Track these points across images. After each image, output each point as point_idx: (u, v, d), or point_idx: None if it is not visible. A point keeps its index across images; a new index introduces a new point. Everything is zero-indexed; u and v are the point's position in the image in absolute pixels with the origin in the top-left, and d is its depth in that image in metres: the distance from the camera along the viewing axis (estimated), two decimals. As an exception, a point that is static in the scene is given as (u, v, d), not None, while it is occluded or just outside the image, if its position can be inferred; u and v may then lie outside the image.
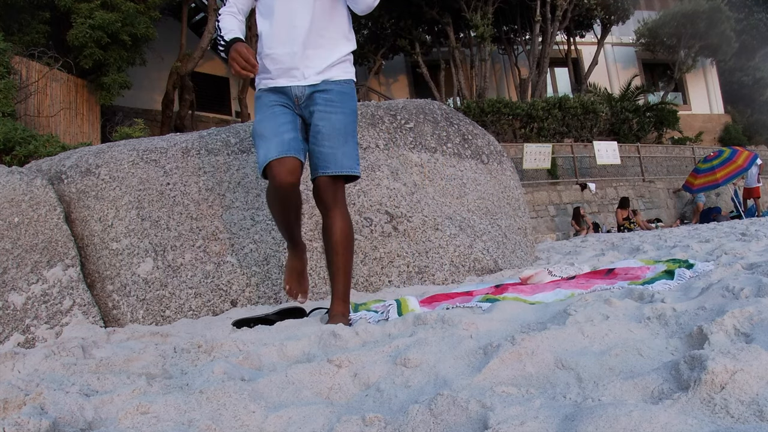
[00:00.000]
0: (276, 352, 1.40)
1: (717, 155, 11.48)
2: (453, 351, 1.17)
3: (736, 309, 1.09)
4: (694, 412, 0.71)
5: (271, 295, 2.69)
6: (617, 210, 11.45)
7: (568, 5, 15.72)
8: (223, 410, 0.94)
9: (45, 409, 0.98)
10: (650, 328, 1.19)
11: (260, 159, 1.97)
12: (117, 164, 2.81)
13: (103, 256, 2.58)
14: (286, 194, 1.96)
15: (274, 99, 2.03)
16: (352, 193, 3.01)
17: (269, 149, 1.93)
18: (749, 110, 20.96)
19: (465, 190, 3.56)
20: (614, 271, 2.32)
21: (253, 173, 3.00)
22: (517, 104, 14.44)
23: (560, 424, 0.72)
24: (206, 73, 14.69)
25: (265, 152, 1.94)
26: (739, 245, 2.98)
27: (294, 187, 1.96)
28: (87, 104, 10.25)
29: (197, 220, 2.77)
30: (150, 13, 10.27)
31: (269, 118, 2.00)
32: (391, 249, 2.94)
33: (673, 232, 7.06)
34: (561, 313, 1.39)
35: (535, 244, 4.56)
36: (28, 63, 8.98)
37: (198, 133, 3.19)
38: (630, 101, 16.58)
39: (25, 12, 9.59)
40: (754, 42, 19.90)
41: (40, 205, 2.54)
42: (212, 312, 2.56)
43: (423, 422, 0.83)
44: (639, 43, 18.78)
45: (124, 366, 1.39)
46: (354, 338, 1.44)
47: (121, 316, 2.47)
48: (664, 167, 15.32)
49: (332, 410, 0.94)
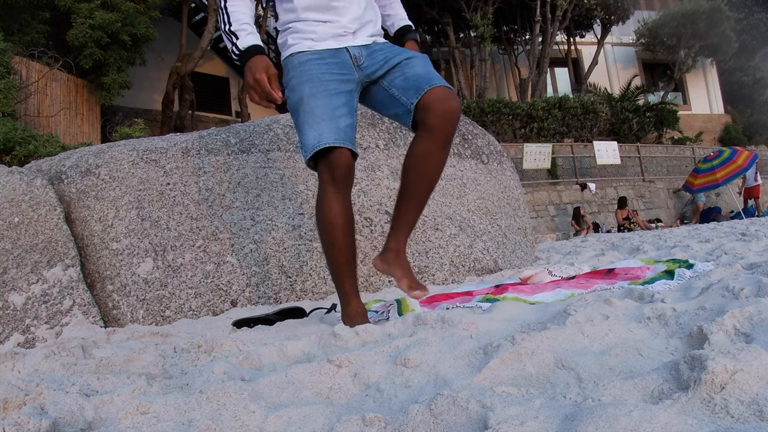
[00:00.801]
0: (276, 352, 1.40)
1: (717, 155, 11.48)
2: (453, 351, 1.17)
3: (736, 309, 1.09)
4: (694, 412, 0.71)
5: (271, 295, 2.69)
6: (617, 210, 11.46)
7: (568, 5, 15.73)
8: (223, 410, 0.94)
9: (45, 409, 0.98)
10: (650, 328, 1.19)
11: (310, 141, 1.64)
12: (117, 164, 2.81)
13: (103, 256, 2.58)
14: (344, 179, 1.65)
15: (326, 69, 1.71)
16: (352, 193, 3.01)
17: (322, 132, 1.63)
18: (749, 110, 20.97)
19: (465, 190, 3.56)
20: (614, 271, 2.32)
21: (253, 173, 3.00)
22: (517, 104, 14.45)
23: (560, 424, 0.72)
24: (206, 73, 14.70)
25: (317, 135, 1.63)
26: (739, 245, 2.98)
27: (351, 170, 1.66)
28: (87, 104, 10.26)
29: (197, 220, 2.77)
30: (150, 13, 10.28)
31: (323, 94, 1.67)
32: (391, 249, 2.94)
33: (673, 232, 7.06)
34: (561, 313, 1.39)
35: (535, 244, 4.56)
36: (28, 63, 8.98)
37: (198, 133, 3.20)
38: (630, 101, 16.59)
39: (25, 12, 9.59)
40: (754, 42, 19.91)
41: (40, 205, 2.54)
42: (212, 312, 2.56)
43: (423, 422, 0.83)
44: (639, 43, 18.79)
45: (124, 366, 1.39)
46: (354, 338, 1.44)
47: (121, 316, 2.47)
48: (664, 167, 15.33)
49: (332, 410, 0.94)
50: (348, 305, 1.72)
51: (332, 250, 1.70)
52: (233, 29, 1.68)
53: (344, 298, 1.73)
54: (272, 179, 3.01)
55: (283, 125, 3.29)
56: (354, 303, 1.72)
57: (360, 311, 1.71)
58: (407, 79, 1.72)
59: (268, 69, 1.64)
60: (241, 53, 1.67)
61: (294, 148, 3.17)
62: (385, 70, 1.76)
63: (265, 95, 1.64)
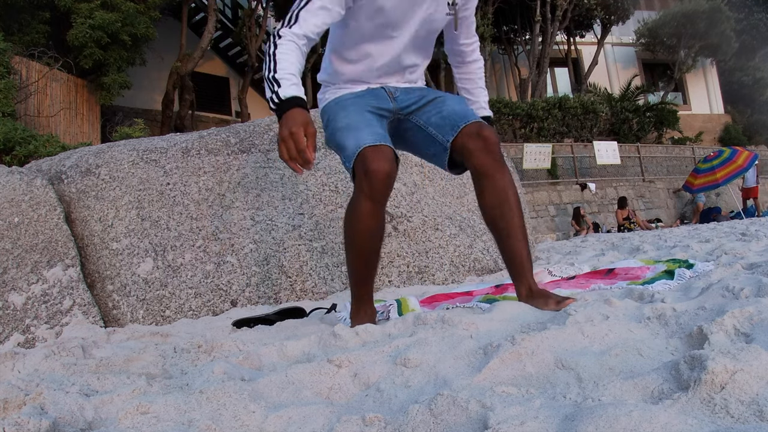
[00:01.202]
0: (276, 352, 1.40)
1: (717, 155, 11.48)
2: (453, 351, 1.17)
3: (736, 309, 1.09)
4: (694, 412, 0.71)
5: (271, 295, 2.69)
6: (617, 210, 11.46)
7: (568, 5, 15.74)
8: (223, 410, 0.94)
9: (45, 409, 0.98)
10: (650, 328, 1.19)
11: (350, 148, 1.56)
12: (117, 164, 2.81)
13: (103, 256, 2.58)
14: (381, 189, 1.54)
15: (360, 100, 1.72)
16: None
17: (360, 137, 1.57)
18: (749, 110, 20.97)
19: (465, 189, 3.56)
20: (614, 271, 2.32)
21: (253, 173, 3.00)
22: (517, 104, 14.45)
23: (560, 424, 0.72)
24: (206, 73, 14.71)
25: (356, 140, 1.56)
26: (739, 245, 2.98)
27: (390, 180, 1.54)
28: (87, 104, 10.26)
29: (197, 220, 2.77)
30: (150, 13, 10.28)
31: (358, 113, 1.66)
32: (391, 249, 2.94)
33: (673, 232, 7.06)
34: (561, 313, 1.39)
35: (535, 244, 4.56)
36: (28, 63, 8.98)
37: (198, 133, 3.19)
38: (630, 101, 16.59)
39: (25, 12, 9.59)
40: (754, 42, 19.92)
41: (40, 205, 2.54)
42: (212, 312, 2.56)
43: (423, 422, 0.83)
44: (639, 43, 18.79)
45: (124, 366, 1.39)
46: (354, 338, 1.43)
47: (121, 316, 2.47)
48: (664, 167, 15.33)
49: (332, 410, 0.94)
50: (359, 310, 1.71)
51: (357, 259, 1.65)
52: (277, 77, 1.52)
53: (357, 302, 1.72)
54: (272, 179, 3.01)
55: (283, 125, 3.29)
56: (366, 307, 1.71)
57: (371, 315, 1.71)
58: (443, 117, 1.71)
59: (306, 125, 1.45)
60: (280, 102, 1.49)
61: (294, 148, 3.16)
62: (420, 104, 1.77)
63: (299, 152, 1.44)
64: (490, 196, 1.65)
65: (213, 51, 14.67)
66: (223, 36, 14.85)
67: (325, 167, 3.15)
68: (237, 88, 15.01)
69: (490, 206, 1.66)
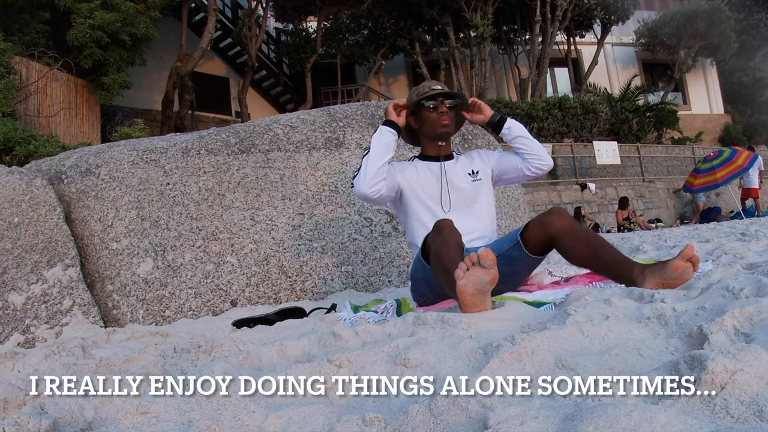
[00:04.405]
0: (276, 352, 1.40)
1: (717, 155, 11.46)
2: (453, 351, 1.17)
3: (736, 309, 1.08)
4: (694, 412, 0.71)
5: (271, 295, 2.69)
6: (618, 210, 11.46)
7: (568, 5, 15.73)
8: (223, 410, 0.94)
9: (45, 409, 0.98)
10: (650, 328, 1.19)
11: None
12: (117, 164, 2.81)
13: (103, 256, 2.58)
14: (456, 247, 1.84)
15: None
16: (352, 193, 3.01)
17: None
18: (749, 110, 20.95)
19: (465, 190, 3.56)
20: (614, 271, 2.31)
21: (253, 173, 3.00)
22: (517, 104, 14.45)
23: (560, 424, 0.72)
24: (206, 73, 14.70)
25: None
26: (739, 245, 2.98)
27: (456, 233, 1.89)
28: (87, 104, 10.25)
29: (197, 220, 2.77)
30: (150, 13, 10.26)
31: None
32: (391, 249, 2.94)
33: (673, 232, 7.06)
34: (561, 313, 1.39)
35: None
36: (28, 63, 8.98)
37: (198, 133, 3.19)
38: (630, 101, 16.58)
39: (25, 12, 9.59)
40: (754, 42, 19.90)
41: (40, 205, 2.53)
42: (212, 312, 2.56)
43: (423, 422, 0.83)
44: (639, 43, 18.77)
45: (124, 366, 1.39)
46: (354, 338, 1.43)
47: (121, 316, 2.47)
48: (664, 167, 15.32)
49: (332, 410, 0.94)
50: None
51: (447, 277, 1.74)
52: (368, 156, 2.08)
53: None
54: (272, 179, 3.01)
55: (282, 125, 3.29)
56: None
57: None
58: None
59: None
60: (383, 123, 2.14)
61: (294, 148, 3.16)
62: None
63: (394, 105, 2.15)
64: (567, 244, 1.92)
65: (213, 51, 14.66)
66: (223, 36, 14.85)
67: (325, 167, 3.14)
68: (237, 88, 15.00)
69: (568, 251, 1.93)
